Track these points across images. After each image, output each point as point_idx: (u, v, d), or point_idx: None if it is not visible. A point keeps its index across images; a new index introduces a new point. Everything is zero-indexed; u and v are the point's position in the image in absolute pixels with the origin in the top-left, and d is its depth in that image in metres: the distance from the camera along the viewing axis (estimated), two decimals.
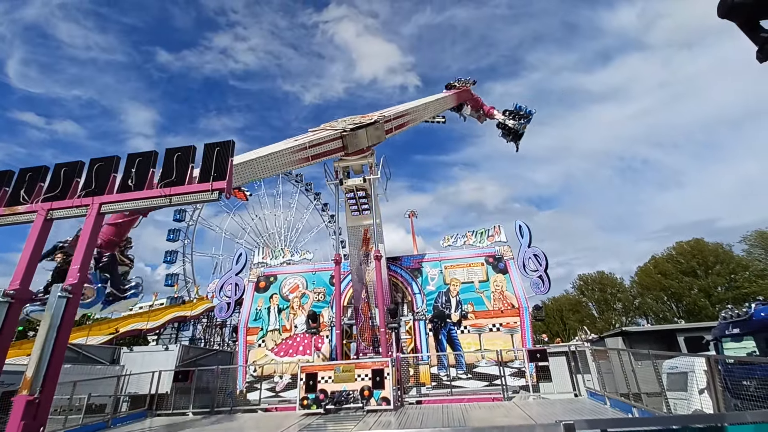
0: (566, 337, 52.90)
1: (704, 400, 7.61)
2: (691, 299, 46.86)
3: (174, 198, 6.46)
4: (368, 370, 12.42)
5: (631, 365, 9.66)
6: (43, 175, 7.04)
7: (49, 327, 5.58)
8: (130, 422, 12.55)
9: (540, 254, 16.95)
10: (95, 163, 6.92)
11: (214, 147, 6.61)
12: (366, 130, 12.84)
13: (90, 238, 6.25)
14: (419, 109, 15.57)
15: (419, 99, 16.56)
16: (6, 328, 5.74)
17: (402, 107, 15.04)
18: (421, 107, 15.75)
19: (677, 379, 9.12)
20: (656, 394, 8.87)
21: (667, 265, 50.24)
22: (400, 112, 14.52)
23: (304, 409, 11.98)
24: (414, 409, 12.57)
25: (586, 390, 12.78)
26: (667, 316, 48.25)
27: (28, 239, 6.45)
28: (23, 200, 6.83)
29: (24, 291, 6.08)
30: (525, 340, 16.07)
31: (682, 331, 15.77)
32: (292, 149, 11.25)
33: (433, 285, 17.95)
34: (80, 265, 5.95)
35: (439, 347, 16.64)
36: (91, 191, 6.71)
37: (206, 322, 40.94)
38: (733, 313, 9.23)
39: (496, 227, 18.65)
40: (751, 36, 2.78)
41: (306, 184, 54.26)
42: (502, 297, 17.01)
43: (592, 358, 13.47)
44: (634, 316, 54.93)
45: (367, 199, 14.95)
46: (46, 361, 5.49)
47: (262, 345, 17.90)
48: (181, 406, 14.04)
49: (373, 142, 13.38)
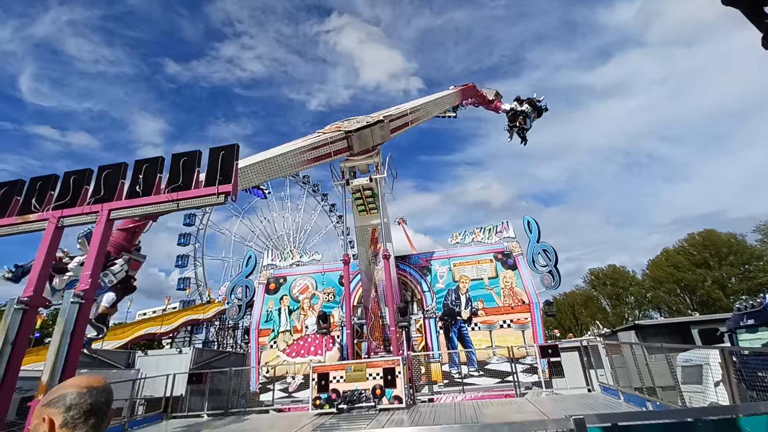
0: (578, 332, 52.50)
1: (720, 393, 7.50)
2: (704, 291, 46.22)
3: (181, 202, 6.54)
4: (379, 369, 12.44)
5: (644, 359, 9.54)
6: (53, 183, 7.16)
7: (63, 332, 5.68)
8: (147, 425, 12.70)
9: (549, 249, 16.82)
10: (103, 170, 7.02)
11: (219, 151, 6.67)
12: (371, 129, 12.83)
13: (100, 244, 6.36)
14: (424, 107, 15.47)
15: (425, 96, 16.33)
16: (21, 335, 5.87)
17: (407, 106, 14.92)
18: (426, 105, 15.66)
19: (692, 372, 9.01)
20: (671, 388, 8.75)
21: (679, 257, 49.61)
22: (404, 111, 14.43)
23: (317, 408, 12.03)
24: (426, 406, 12.57)
25: (600, 385, 12.66)
26: (681, 309, 47.61)
27: (40, 247, 6.58)
28: (34, 208, 6.96)
29: (37, 298, 6.20)
30: (536, 336, 15.97)
31: (696, 324, 15.57)
32: (299, 150, 11.24)
33: (442, 283, 17.91)
34: (91, 270, 6.05)
35: (449, 345, 16.61)
36: (100, 198, 6.81)
37: (219, 324, 41.31)
38: (747, 303, 9.10)
39: (504, 223, 18.55)
40: (755, 22, 2.73)
41: (313, 186, 54.48)
42: (512, 293, 16.92)
43: (605, 353, 13.35)
44: (647, 310, 54.32)
45: (374, 199, 14.96)
46: (61, 366, 5.59)
47: (273, 346, 18.02)
48: (196, 408, 14.18)
49: (378, 141, 13.35)
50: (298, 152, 11.22)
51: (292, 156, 11.00)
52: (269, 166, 10.21)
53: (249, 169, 9.51)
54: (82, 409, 1.45)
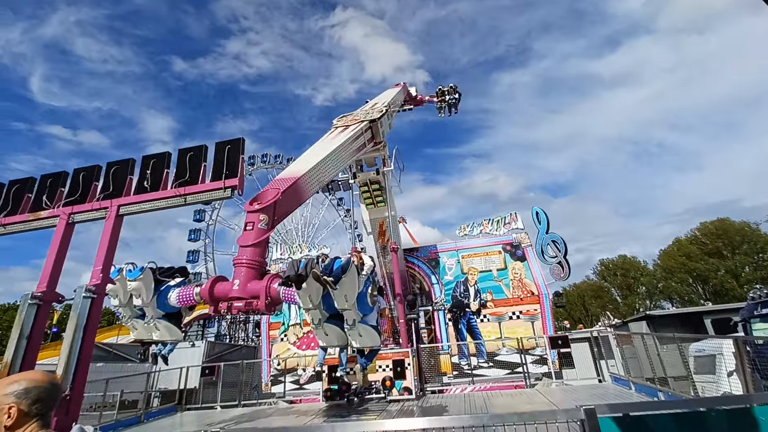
0: (589, 323, 52.22)
1: (733, 382, 7.41)
2: (717, 281, 45.60)
3: (188, 197, 6.58)
4: (389, 361, 12.51)
5: (656, 349, 9.46)
6: (63, 180, 7.26)
7: (76, 327, 5.79)
8: (162, 416, 12.96)
9: (558, 240, 16.67)
10: (112, 167, 7.09)
11: (225, 145, 6.69)
12: (387, 116, 12.73)
13: (110, 239, 6.45)
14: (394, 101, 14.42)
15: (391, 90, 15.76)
16: (36, 329, 5.99)
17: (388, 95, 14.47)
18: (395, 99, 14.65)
19: (704, 362, 8.92)
20: (683, 378, 8.68)
21: (691, 247, 48.98)
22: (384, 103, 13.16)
23: (328, 400, 12.15)
24: (436, 398, 12.63)
25: (611, 375, 12.60)
26: (693, 299, 47.09)
27: (52, 243, 6.68)
28: (45, 205, 7.06)
29: (50, 293, 6.31)
30: (546, 327, 15.90)
31: (709, 313, 15.36)
32: (347, 143, 9.52)
33: (450, 275, 17.88)
34: (102, 265, 6.14)
35: (459, 337, 16.62)
36: (109, 194, 6.88)
37: (230, 318, 41.80)
38: (761, 292, 8.96)
39: (512, 214, 18.41)
40: None
41: None
42: (521, 284, 16.84)
43: (616, 343, 13.26)
44: (659, 300, 53.79)
45: (381, 192, 14.93)
46: (75, 358, 5.71)
47: (284, 339, 18.17)
48: (209, 400, 14.42)
49: (387, 130, 13.24)
50: (347, 144, 9.50)
51: (345, 149, 9.33)
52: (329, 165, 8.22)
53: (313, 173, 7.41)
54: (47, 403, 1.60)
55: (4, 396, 1.52)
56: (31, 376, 1.66)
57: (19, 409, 1.52)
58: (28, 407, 1.53)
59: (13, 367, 5.62)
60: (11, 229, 7.29)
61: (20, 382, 1.58)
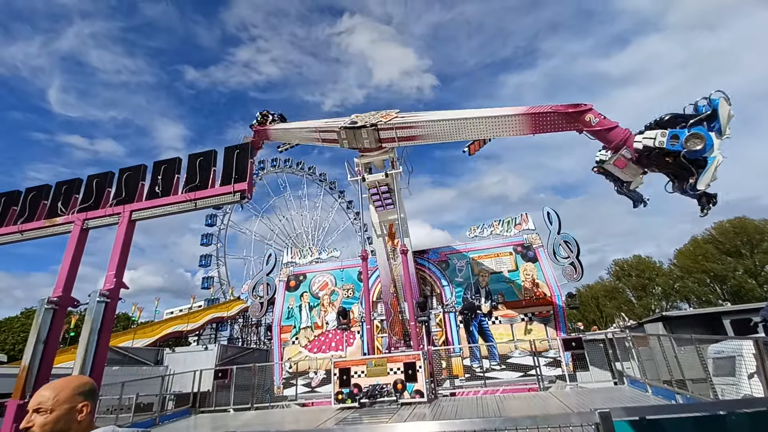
0: (603, 324, 51.43)
1: (754, 385, 7.20)
2: (736, 281, 44.51)
3: (199, 202, 6.67)
4: (400, 364, 12.44)
5: (673, 351, 9.25)
6: (77, 187, 7.41)
7: (91, 330, 5.89)
8: (176, 419, 13.06)
9: (571, 240, 16.45)
10: (124, 173, 7.22)
11: (233, 150, 6.76)
12: (361, 131, 12.15)
13: (123, 244, 6.55)
14: (450, 123, 10.63)
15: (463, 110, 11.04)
16: (52, 334, 6.10)
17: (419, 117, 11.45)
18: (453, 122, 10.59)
19: (724, 363, 8.68)
20: (701, 380, 8.46)
21: (707, 246, 47.89)
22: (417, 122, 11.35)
23: (339, 403, 12.13)
24: (448, 401, 12.51)
25: (626, 378, 12.36)
26: (711, 299, 46.02)
27: (67, 248, 6.82)
28: (60, 212, 7.21)
29: (66, 298, 6.43)
30: (559, 328, 15.69)
31: (727, 314, 14.99)
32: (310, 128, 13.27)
33: (461, 276, 17.76)
34: (116, 270, 6.23)
35: (470, 339, 16.48)
36: (122, 200, 7.01)
37: (242, 321, 42.12)
38: None
39: (523, 215, 18.24)
40: None
41: (330, 183, 54.94)
42: (533, 286, 16.65)
43: (632, 345, 13.00)
44: (675, 301, 52.70)
45: (390, 194, 14.90)
46: (90, 361, 5.81)
47: (295, 342, 18.23)
48: (222, 402, 14.51)
49: (372, 145, 12.65)
50: (309, 130, 13.41)
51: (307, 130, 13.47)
52: (292, 132, 14.13)
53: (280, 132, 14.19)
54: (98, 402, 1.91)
55: (78, 395, 1.69)
56: (87, 378, 1.87)
57: (91, 408, 1.73)
58: (93, 406, 1.74)
59: (31, 371, 5.72)
60: (28, 235, 7.45)
61: (87, 383, 1.79)
